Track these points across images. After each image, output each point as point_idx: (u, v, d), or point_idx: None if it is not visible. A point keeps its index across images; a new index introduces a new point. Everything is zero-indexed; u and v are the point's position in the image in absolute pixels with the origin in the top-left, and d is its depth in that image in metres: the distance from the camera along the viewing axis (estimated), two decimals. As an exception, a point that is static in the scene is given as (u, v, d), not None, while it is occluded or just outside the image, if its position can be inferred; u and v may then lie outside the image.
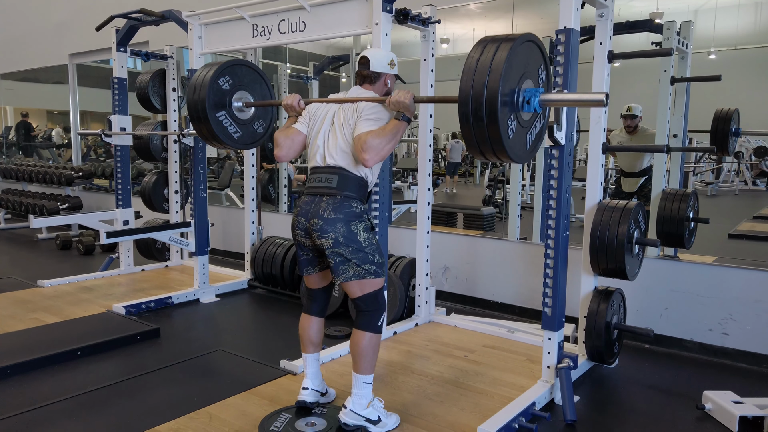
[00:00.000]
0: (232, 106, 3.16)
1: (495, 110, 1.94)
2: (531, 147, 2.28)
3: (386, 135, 2.37)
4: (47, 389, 3.00)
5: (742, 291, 3.53)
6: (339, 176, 2.47)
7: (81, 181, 7.50)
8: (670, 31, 4.13)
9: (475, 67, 1.98)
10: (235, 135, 3.16)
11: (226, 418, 2.63)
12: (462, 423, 2.62)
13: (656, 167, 4.35)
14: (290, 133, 2.65)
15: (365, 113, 2.45)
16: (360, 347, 2.47)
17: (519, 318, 4.34)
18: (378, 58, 2.65)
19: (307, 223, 2.46)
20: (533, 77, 2.16)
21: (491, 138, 1.99)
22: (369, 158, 2.35)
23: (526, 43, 2.08)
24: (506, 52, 1.96)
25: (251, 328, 4.29)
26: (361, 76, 2.66)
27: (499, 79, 1.92)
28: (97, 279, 5.14)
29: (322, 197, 2.46)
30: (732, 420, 2.69)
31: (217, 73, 3.06)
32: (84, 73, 8.73)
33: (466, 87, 1.98)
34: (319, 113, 2.62)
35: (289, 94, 2.76)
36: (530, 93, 2.10)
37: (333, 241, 2.40)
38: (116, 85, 5.09)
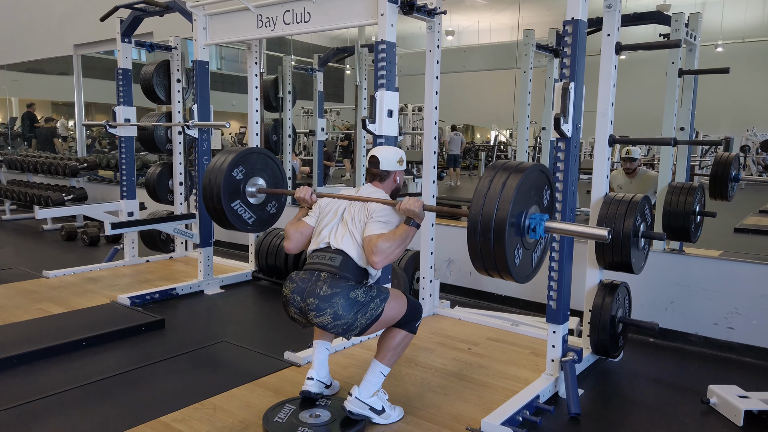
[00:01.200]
0: (246, 193, 3.17)
1: (502, 237, 2.02)
2: (535, 267, 2.33)
3: (396, 239, 2.38)
4: (53, 379, 3.01)
5: (748, 285, 3.51)
6: (343, 257, 2.46)
7: (86, 172, 7.52)
8: (678, 23, 4.09)
9: (485, 193, 2.06)
10: (249, 220, 3.20)
11: (230, 409, 2.63)
12: (466, 415, 2.62)
13: (663, 161, 4.33)
14: (300, 226, 2.67)
15: (376, 215, 2.47)
16: (394, 341, 2.50)
17: (523, 311, 4.33)
18: (387, 157, 2.69)
19: (303, 302, 2.40)
20: (539, 201, 2.23)
21: (497, 261, 2.06)
22: (378, 261, 2.37)
23: (535, 172, 2.15)
24: (517, 182, 2.04)
25: (255, 319, 4.30)
26: (371, 174, 2.70)
27: (507, 210, 2.01)
28: (101, 270, 5.15)
29: (320, 274, 2.42)
30: (737, 414, 2.68)
31: (232, 164, 3.06)
32: (88, 64, 8.73)
33: (476, 210, 2.06)
34: (329, 208, 2.64)
35: (302, 187, 2.79)
36: (535, 220, 2.15)
37: (332, 316, 2.34)
38: (121, 76, 5.08)
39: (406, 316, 2.52)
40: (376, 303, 2.41)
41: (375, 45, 3.41)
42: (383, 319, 2.44)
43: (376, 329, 2.49)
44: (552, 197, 2.35)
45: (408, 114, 12.54)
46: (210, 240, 4.72)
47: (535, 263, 2.32)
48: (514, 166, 2.11)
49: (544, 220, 2.16)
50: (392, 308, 2.47)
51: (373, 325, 2.43)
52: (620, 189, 5.07)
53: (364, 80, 5.98)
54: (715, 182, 4.14)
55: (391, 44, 3.39)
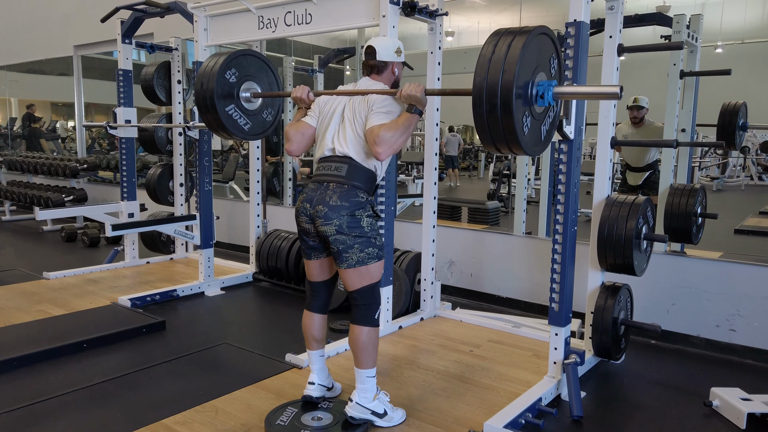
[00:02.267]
0: (240, 97, 3.13)
1: (510, 104, 1.92)
2: (545, 139, 2.26)
3: (399, 128, 2.36)
4: (54, 381, 3.00)
5: (750, 287, 3.50)
6: (348, 165, 2.45)
7: (86, 173, 7.50)
8: (679, 24, 4.09)
9: (489, 60, 1.95)
10: (245, 126, 3.15)
11: (232, 412, 2.62)
12: (468, 418, 2.61)
13: (664, 162, 4.33)
14: (300, 127, 2.63)
15: (377, 106, 2.43)
16: (360, 342, 2.47)
17: (525, 313, 4.32)
18: (384, 46, 2.63)
19: (312, 209, 2.44)
20: (545, 68, 2.14)
21: (506, 131, 1.97)
22: (382, 151, 2.35)
23: (539, 35, 2.06)
24: (521, 44, 1.93)
25: (256, 321, 4.29)
26: (368, 66, 2.65)
27: (514, 73, 1.90)
28: (102, 271, 5.15)
29: (329, 184, 2.45)
30: (740, 417, 2.68)
31: (224, 66, 3.03)
32: (88, 65, 8.72)
33: (480, 80, 1.95)
34: (328, 106, 2.60)
35: (298, 86, 2.73)
36: (543, 87, 2.07)
37: (336, 227, 2.38)
38: (121, 76, 5.08)
39: (367, 290, 2.47)
40: (372, 251, 2.44)
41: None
42: (366, 272, 2.45)
43: (356, 276, 2.45)
44: (560, 66, 2.25)
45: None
46: (211, 241, 4.71)
47: (545, 136, 2.23)
48: (517, 29, 2.01)
49: (552, 86, 2.07)
50: (377, 269, 2.48)
51: (358, 269, 2.43)
52: (625, 138, 5.01)
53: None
54: (723, 131, 4.11)
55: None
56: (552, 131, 2.32)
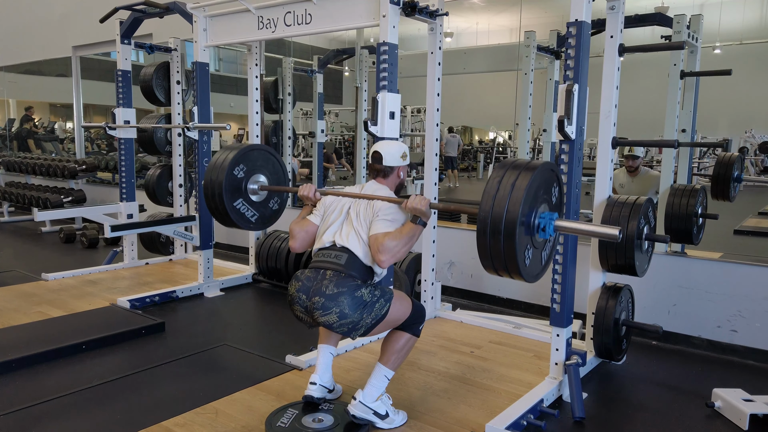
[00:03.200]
0: (248, 190, 3.13)
1: (512, 238, 1.99)
2: (544, 265, 2.30)
3: (403, 238, 2.37)
4: (53, 383, 2.98)
5: (752, 288, 3.50)
6: (348, 256, 2.44)
7: (85, 174, 7.49)
8: (680, 25, 4.08)
9: (495, 194, 2.03)
10: (252, 218, 3.18)
11: (232, 414, 2.61)
12: (470, 419, 2.60)
13: (665, 163, 4.32)
14: (305, 225, 2.64)
15: (382, 213, 2.45)
16: (397, 344, 2.49)
17: (525, 314, 4.31)
18: (390, 152, 2.67)
19: (308, 301, 2.37)
20: (548, 198, 2.20)
21: (508, 262, 2.04)
22: (385, 260, 2.35)
23: (545, 171, 2.12)
24: (527, 181, 2.00)
25: (256, 322, 4.27)
26: (374, 170, 2.68)
27: (518, 212, 1.98)
28: (101, 272, 5.13)
29: (326, 272, 2.40)
30: (742, 418, 2.67)
31: (233, 163, 3.03)
32: (86, 66, 8.70)
33: (485, 214, 2.02)
34: (333, 206, 2.62)
35: (305, 185, 2.77)
36: (545, 220, 2.13)
37: (338, 315, 2.31)
38: (120, 77, 5.06)
39: (410, 318, 2.51)
40: (381, 303, 2.39)
41: (377, 47, 3.39)
42: (388, 320, 2.42)
43: (381, 330, 2.46)
44: (561, 194, 2.31)
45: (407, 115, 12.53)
46: (210, 242, 4.69)
47: (545, 261, 2.29)
48: (523, 164, 2.08)
49: (553, 219, 2.14)
50: (397, 309, 2.45)
51: (378, 326, 2.41)
52: (622, 188, 5.06)
53: (364, 82, 5.96)
54: (717, 183, 4.12)
55: (393, 46, 3.38)
56: (552, 257, 2.38)
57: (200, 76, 4.45)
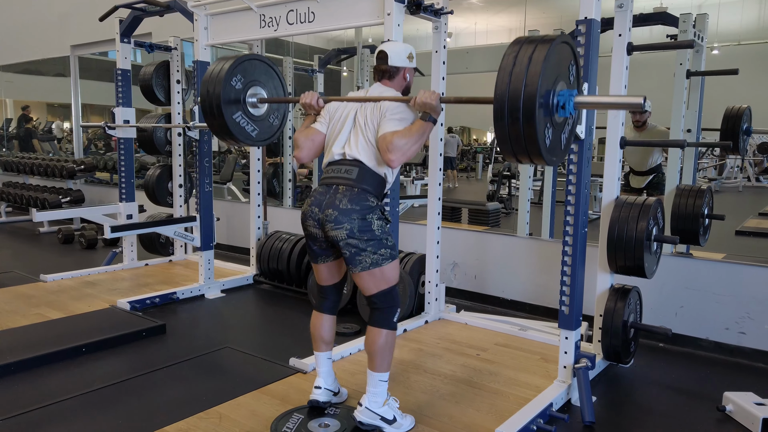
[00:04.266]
0: (247, 103, 3.04)
1: (532, 117, 1.87)
2: (564, 148, 2.21)
3: (413, 135, 2.31)
4: (53, 386, 2.93)
5: (760, 289, 3.46)
6: (359, 169, 2.40)
7: (83, 174, 7.42)
8: (686, 24, 4.04)
9: (510, 72, 1.90)
10: (252, 133, 3.08)
11: (236, 419, 2.56)
12: (478, 424, 2.55)
13: (671, 163, 4.28)
14: (310, 133, 2.57)
15: (390, 113, 2.39)
16: (377, 345, 2.41)
17: (530, 315, 4.27)
18: (396, 51, 2.58)
19: (321, 213, 2.37)
20: (565, 76, 2.09)
21: (528, 143, 1.92)
22: (395, 158, 2.29)
23: (560, 45, 2.01)
24: (542, 56, 1.88)
25: (258, 324, 4.22)
26: (379, 71, 2.60)
27: (536, 85, 1.86)
28: (100, 273, 5.07)
29: (338, 187, 2.39)
30: (755, 422, 2.62)
31: (230, 72, 2.94)
32: (83, 65, 8.63)
33: (501, 92, 1.91)
34: (339, 113, 2.55)
35: (307, 92, 2.68)
36: (564, 97, 2.02)
37: (348, 232, 2.32)
38: (120, 76, 5.01)
39: (391, 293, 2.42)
40: (385, 249, 2.38)
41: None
42: (381, 271, 2.38)
43: (371, 280, 2.38)
44: (578, 72, 2.21)
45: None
46: (211, 243, 4.64)
47: (564, 144, 2.18)
48: (538, 38, 1.96)
49: (573, 96, 2.02)
50: (391, 270, 2.41)
51: (372, 270, 2.36)
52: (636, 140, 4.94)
53: (366, 81, 5.91)
54: (726, 136, 4.05)
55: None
56: (571, 139, 2.28)
57: (201, 75, 4.39)
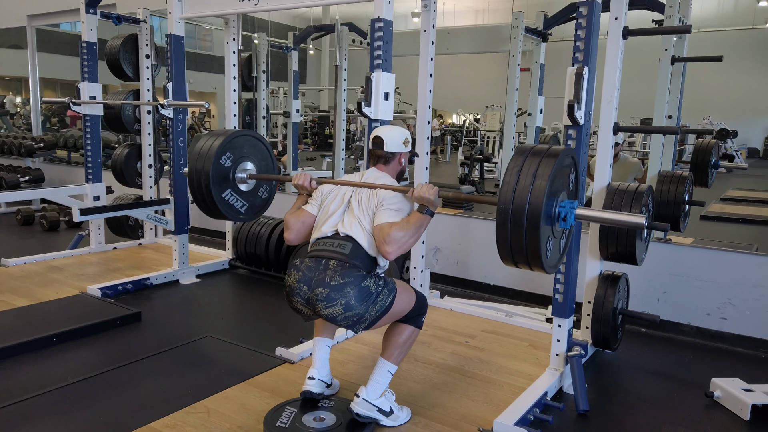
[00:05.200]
0: (236, 179, 2.90)
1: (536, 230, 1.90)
2: (561, 255, 2.21)
3: (410, 228, 2.23)
4: (24, 381, 2.75)
5: (742, 275, 3.51)
6: (353, 245, 2.28)
7: (42, 152, 7.07)
8: (672, 9, 4.03)
9: (514, 188, 1.92)
10: (242, 209, 2.95)
11: (225, 413, 2.45)
12: (475, 414, 2.51)
13: (654, 149, 4.30)
14: (301, 215, 2.47)
15: (387, 202, 2.31)
16: (401, 338, 2.37)
17: (513, 301, 4.25)
18: (392, 137, 2.50)
19: (310, 293, 2.22)
20: (566, 185, 2.10)
21: (529, 255, 1.95)
22: (392, 251, 2.21)
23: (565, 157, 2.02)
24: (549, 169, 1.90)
25: (238, 311, 4.09)
26: (375, 156, 2.52)
27: (542, 205, 1.88)
28: (66, 258, 4.83)
29: (329, 262, 2.25)
30: (744, 408, 2.66)
31: (219, 150, 2.78)
32: (41, 37, 8.18)
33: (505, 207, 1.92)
34: (332, 195, 2.45)
35: (300, 173, 2.59)
36: (566, 209, 2.04)
37: (344, 306, 2.17)
38: (85, 50, 4.72)
39: (414, 309, 2.39)
40: (385, 293, 2.26)
41: (371, 23, 3.22)
42: (393, 312, 2.30)
43: (385, 322, 2.33)
44: (577, 181, 2.21)
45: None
46: (186, 227, 4.46)
47: (562, 251, 2.20)
48: (543, 151, 1.96)
49: (574, 208, 2.04)
50: (402, 300, 2.33)
51: (383, 318, 2.28)
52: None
53: (344, 60, 5.75)
54: (696, 169, 4.13)
55: (388, 22, 3.21)
56: (569, 243, 2.28)
57: (175, 51, 4.18)
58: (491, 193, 9.16)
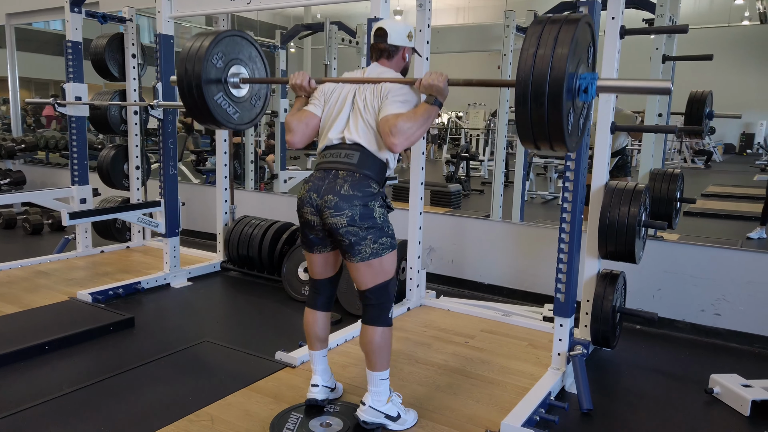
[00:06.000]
0: (229, 83, 2.80)
1: (559, 104, 1.77)
2: (581, 134, 2.12)
3: (417, 119, 2.17)
4: (19, 391, 2.68)
5: (736, 272, 3.55)
6: (360, 153, 2.25)
7: (24, 153, 6.91)
8: (663, 8, 4.07)
9: (535, 51, 1.79)
10: (234, 115, 2.83)
11: (229, 420, 2.41)
12: (481, 416, 2.50)
13: (646, 147, 4.33)
14: (303, 116, 2.38)
15: (392, 94, 2.24)
16: (374, 344, 2.29)
17: (508, 300, 4.26)
18: (396, 29, 2.41)
19: (320, 199, 2.22)
20: (585, 58, 2.00)
21: (551, 129, 1.83)
22: (398, 143, 2.15)
23: (584, 25, 1.91)
24: (569, 38, 1.78)
25: (233, 315, 4.02)
26: (377, 49, 2.43)
27: (564, 70, 1.75)
28: (52, 262, 4.72)
29: (338, 172, 2.23)
30: (744, 404, 2.69)
31: (210, 49, 2.67)
32: (20, 36, 7.98)
33: (525, 76, 1.79)
34: (335, 95, 2.37)
35: (297, 72, 2.50)
36: (587, 80, 1.92)
37: (348, 219, 2.17)
38: (70, 49, 4.62)
39: (387, 288, 2.30)
40: (385, 239, 2.24)
41: (368, 22, 3.20)
42: (380, 263, 2.24)
43: (370, 274, 2.25)
44: (595, 54, 2.11)
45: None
46: (176, 229, 4.39)
47: (581, 129, 2.11)
48: (562, 18, 1.86)
49: (595, 79, 1.94)
50: (390, 262, 2.29)
51: (372, 261, 2.22)
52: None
53: (334, 59, 5.71)
54: (690, 119, 4.13)
55: (385, 22, 3.18)
56: (587, 123, 2.19)
57: (165, 50, 4.11)
58: (479, 191, 9.20)
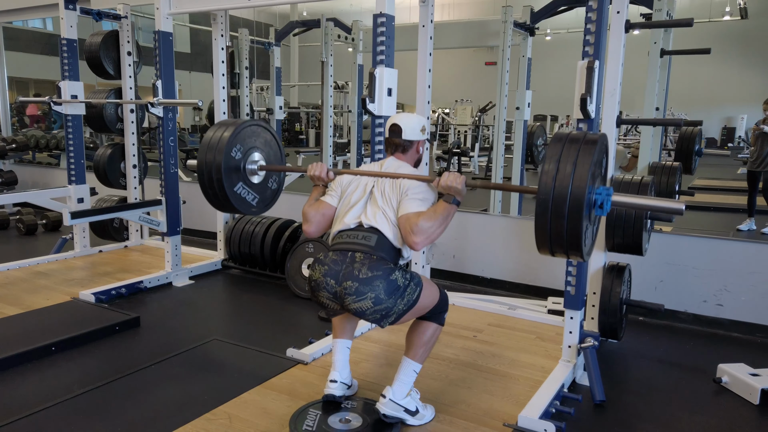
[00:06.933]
0: (247, 171, 2.79)
1: (579, 225, 1.86)
2: (593, 241, 2.19)
3: (438, 218, 2.18)
4: (29, 393, 2.65)
5: (739, 263, 3.60)
6: (378, 237, 2.24)
7: (15, 153, 6.81)
8: (661, 2, 4.11)
9: (554, 177, 1.89)
10: (253, 201, 2.85)
11: (247, 418, 2.40)
12: (497, 410, 2.51)
13: (645, 140, 4.37)
14: (320, 207, 2.41)
15: (412, 192, 2.27)
16: (425, 336, 2.34)
17: (511, 294, 4.28)
18: (410, 125, 2.46)
19: (338, 286, 2.18)
20: (599, 172, 2.06)
21: (569, 242, 1.91)
22: (419, 241, 2.17)
23: (603, 144, 1.99)
24: (589, 160, 1.86)
25: (239, 312, 3.99)
26: (393, 144, 2.48)
27: (584, 189, 1.85)
28: (50, 263, 4.66)
29: (355, 254, 2.21)
30: (753, 393, 2.73)
31: (230, 142, 2.68)
32: (8, 34, 7.85)
33: (545, 197, 1.88)
34: (352, 185, 2.41)
35: (316, 163, 2.53)
36: (602, 196, 1.98)
37: (373, 300, 2.13)
38: (65, 47, 4.56)
39: (438, 305, 2.37)
40: (412, 288, 2.23)
41: (374, 18, 3.19)
42: (419, 306, 2.27)
43: (410, 317, 2.30)
44: (608, 166, 2.19)
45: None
46: (178, 228, 4.36)
47: (594, 237, 2.18)
48: (581, 138, 1.93)
49: (610, 195, 2.00)
50: (427, 295, 2.30)
51: (409, 312, 2.25)
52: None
53: (330, 56, 5.68)
54: (681, 157, 4.23)
55: (390, 17, 3.19)
56: (598, 229, 2.27)
57: (164, 47, 4.07)
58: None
